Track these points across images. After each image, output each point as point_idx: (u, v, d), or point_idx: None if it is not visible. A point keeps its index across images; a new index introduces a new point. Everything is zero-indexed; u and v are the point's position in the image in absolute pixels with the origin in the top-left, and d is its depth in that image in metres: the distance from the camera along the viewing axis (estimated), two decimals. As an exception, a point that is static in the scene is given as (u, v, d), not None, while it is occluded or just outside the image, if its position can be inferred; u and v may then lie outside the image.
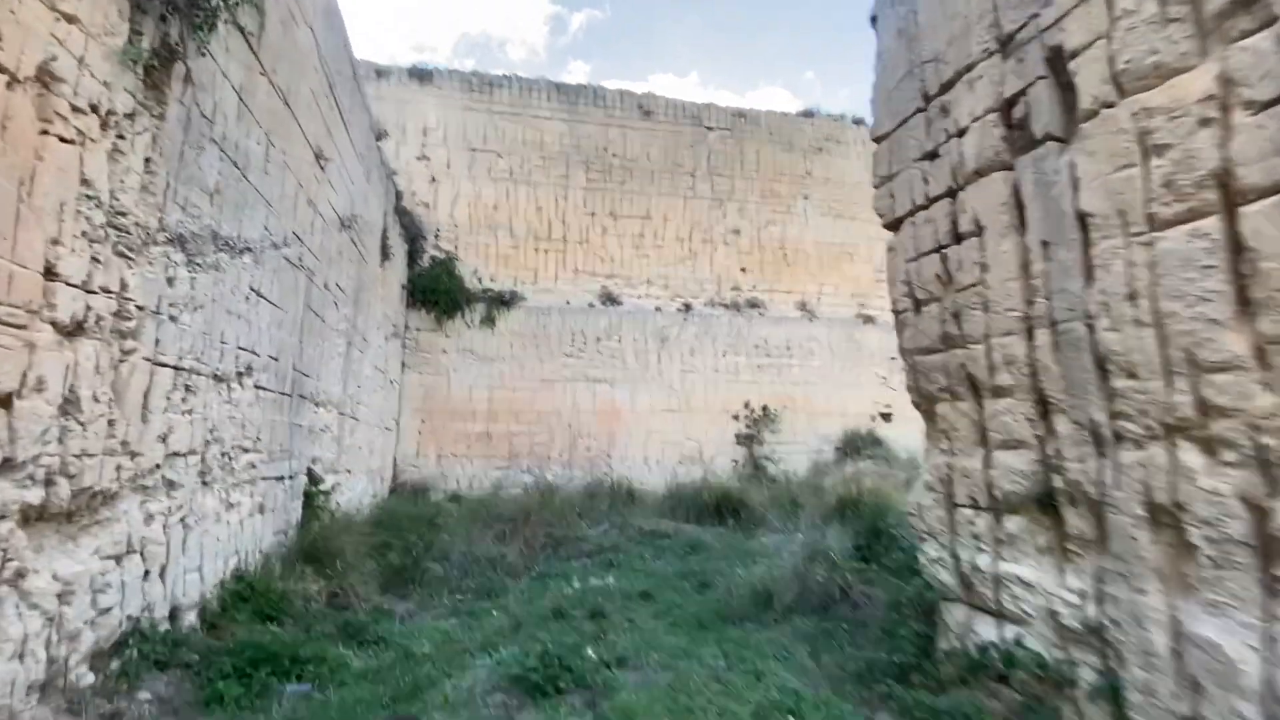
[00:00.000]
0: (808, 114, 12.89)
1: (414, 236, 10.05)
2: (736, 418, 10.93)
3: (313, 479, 5.28)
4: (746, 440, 10.85)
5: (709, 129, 11.97)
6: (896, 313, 3.57)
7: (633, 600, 4.56)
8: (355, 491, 6.92)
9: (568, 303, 10.62)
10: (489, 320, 10.24)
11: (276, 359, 4.22)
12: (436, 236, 10.47)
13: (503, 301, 10.35)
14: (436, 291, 10.05)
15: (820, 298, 12.20)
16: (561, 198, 11.00)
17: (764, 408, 11.01)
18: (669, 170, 11.58)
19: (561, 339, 10.31)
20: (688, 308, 11.18)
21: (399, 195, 9.28)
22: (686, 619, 4.11)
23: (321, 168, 5.08)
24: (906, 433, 12.20)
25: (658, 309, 11.02)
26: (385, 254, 8.06)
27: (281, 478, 4.49)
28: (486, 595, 4.75)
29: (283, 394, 4.41)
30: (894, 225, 3.57)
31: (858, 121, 13.14)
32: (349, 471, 6.71)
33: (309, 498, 5.12)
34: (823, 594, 4.09)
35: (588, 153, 11.27)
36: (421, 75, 10.89)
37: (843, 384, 11.79)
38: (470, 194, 10.76)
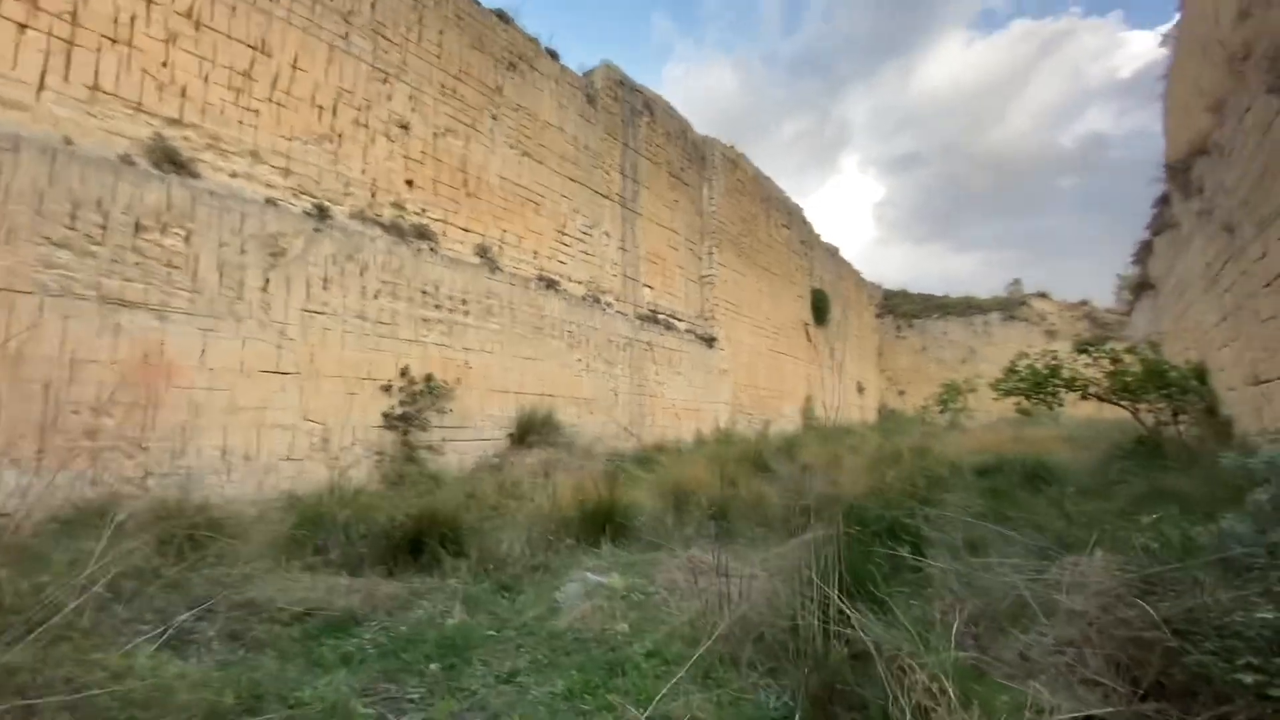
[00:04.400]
0: (503, 16, 10.20)
1: None
2: (388, 390, 7.43)
3: None
4: (401, 423, 7.46)
5: (378, -36, 8.08)
6: None
7: None
8: None
9: (70, 143, 5.31)
10: None
11: None
12: None
13: None
14: None
15: (503, 246, 9.64)
16: (73, -59, 5.54)
17: (429, 378, 7.82)
18: (309, -7, 7.25)
19: (43, 208, 5.00)
20: (323, 214, 7.11)
21: None
22: None
23: None
24: (581, 415, 10.71)
25: (271, 203, 6.63)
26: None
27: None
28: None
29: None
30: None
31: (552, 54, 11.15)
32: None
33: None
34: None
35: (147, -112, 6.04)
36: None
37: (523, 355, 9.49)
38: None
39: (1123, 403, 6.71)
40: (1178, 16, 7.63)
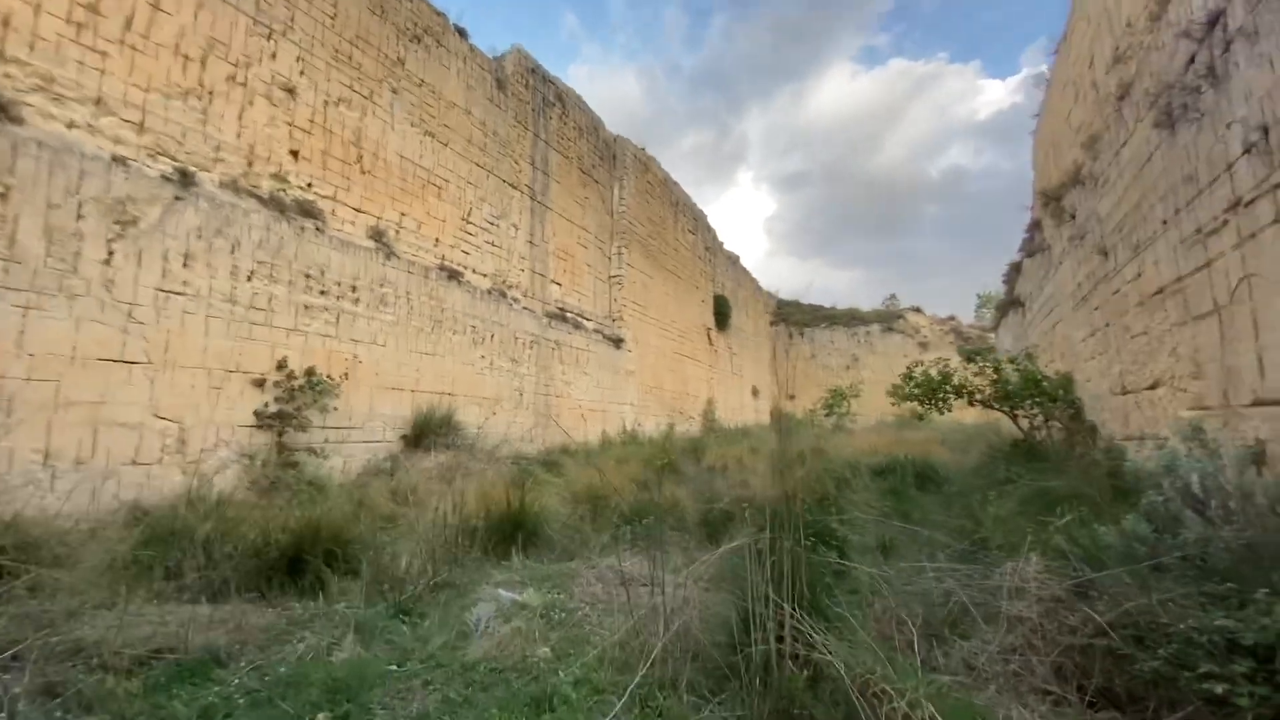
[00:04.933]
0: (407, -17, 9.43)
1: None
2: (262, 384, 6.55)
3: None
4: (276, 422, 6.61)
5: (263, -96, 7.15)
6: None
7: None
8: None
9: None
10: None
11: None
12: None
13: None
14: None
15: (400, 231, 8.90)
16: None
17: (311, 372, 7.00)
18: (175, -76, 6.25)
19: None
20: (186, 179, 6.13)
21: None
22: None
23: None
24: (484, 415, 10.16)
25: (120, 162, 5.60)
26: None
27: None
28: None
29: None
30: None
31: (461, 31, 10.51)
32: None
33: None
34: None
35: None
36: None
37: (420, 350, 8.80)
38: None
39: (1003, 408, 7.25)
40: (1053, 59, 8.44)
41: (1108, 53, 5.94)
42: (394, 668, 2.63)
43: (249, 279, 6.49)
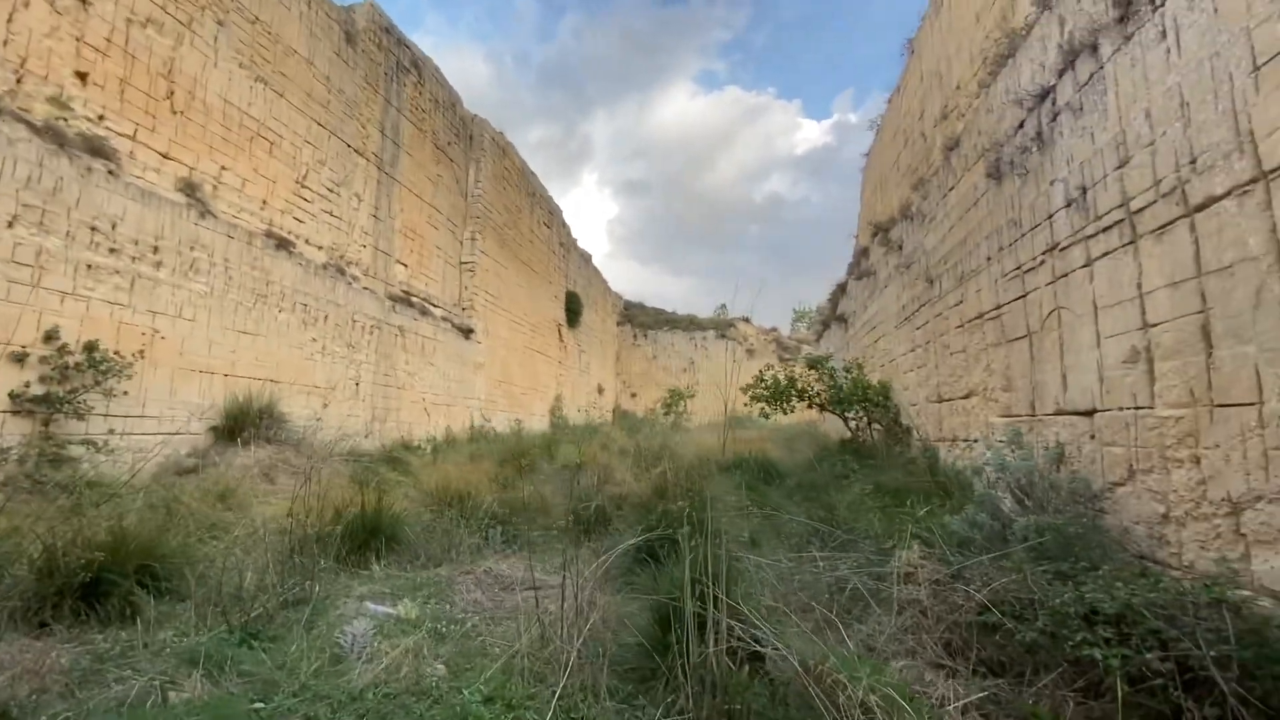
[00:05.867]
0: (242, -101, 8.08)
1: None
2: (21, 360, 5.17)
3: None
4: (42, 407, 5.26)
5: None
6: None
7: None
8: None
9: None
10: None
11: None
12: None
13: None
14: None
15: (219, 187, 7.59)
16: None
17: (92, 347, 5.68)
18: None
19: None
20: (-85, 85, 4.61)
21: None
22: None
23: None
24: (314, 406, 9.10)
25: None
26: None
27: None
28: None
29: None
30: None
31: (304, -31, 9.26)
32: None
33: None
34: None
35: None
36: None
37: (238, 328, 7.58)
38: None
39: (836, 411, 8.11)
40: (885, 109, 9.63)
41: (937, 109, 6.89)
42: (260, 705, 2.20)
43: (10, 225, 5.08)
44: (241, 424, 7.35)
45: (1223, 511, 2.53)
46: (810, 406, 8.31)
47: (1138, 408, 3.03)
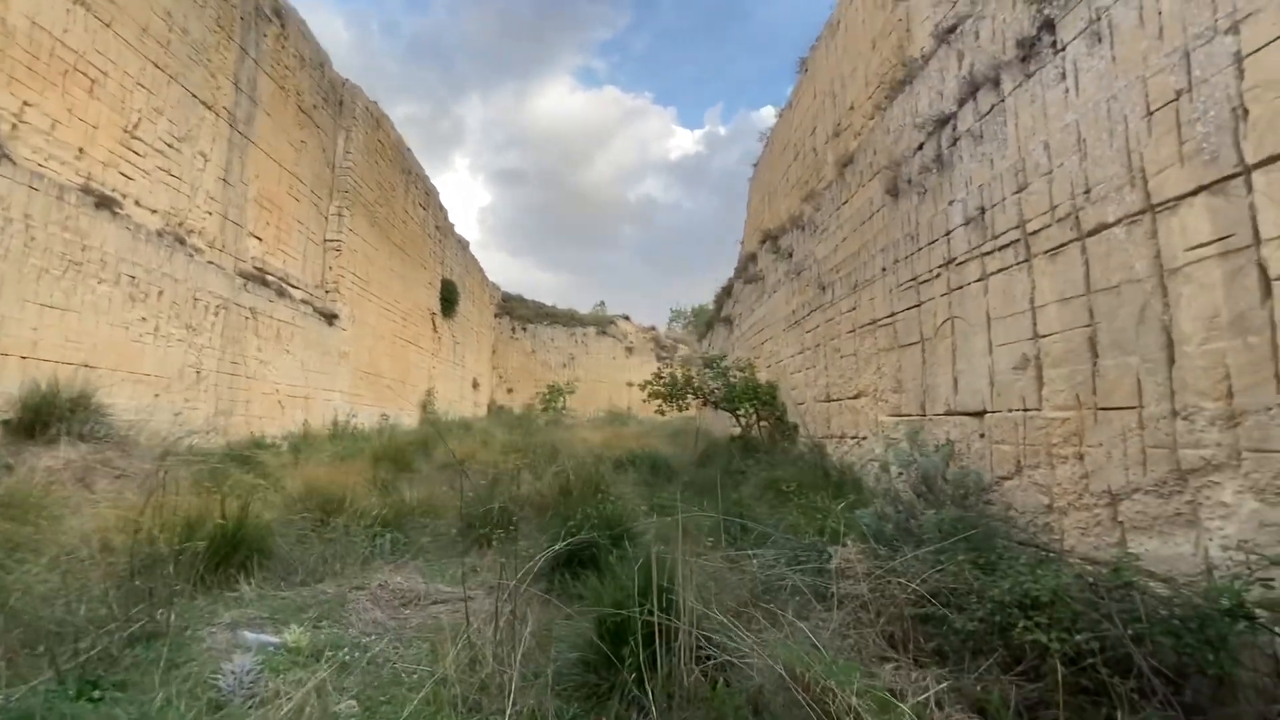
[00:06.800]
0: None
1: None
2: None
3: None
4: None
5: None
6: None
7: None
8: None
9: None
10: None
11: None
12: None
13: None
14: None
15: (19, 126, 6.19)
16: None
17: None
18: None
19: None
20: None
21: None
22: None
23: None
24: (142, 398, 7.82)
25: None
26: None
27: None
28: None
29: None
30: None
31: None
32: None
33: None
34: None
35: None
36: None
37: (42, 301, 6.24)
38: None
39: (727, 408, 8.37)
40: (775, 122, 10.10)
41: (830, 126, 7.30)
42: (122, 778, 1.73)
43: None
44: (46, 418, 6.05)
45: (1103, 502, 2.86)
46: (705, 404, 8.50)
47: (1026, 409, 3.37)
